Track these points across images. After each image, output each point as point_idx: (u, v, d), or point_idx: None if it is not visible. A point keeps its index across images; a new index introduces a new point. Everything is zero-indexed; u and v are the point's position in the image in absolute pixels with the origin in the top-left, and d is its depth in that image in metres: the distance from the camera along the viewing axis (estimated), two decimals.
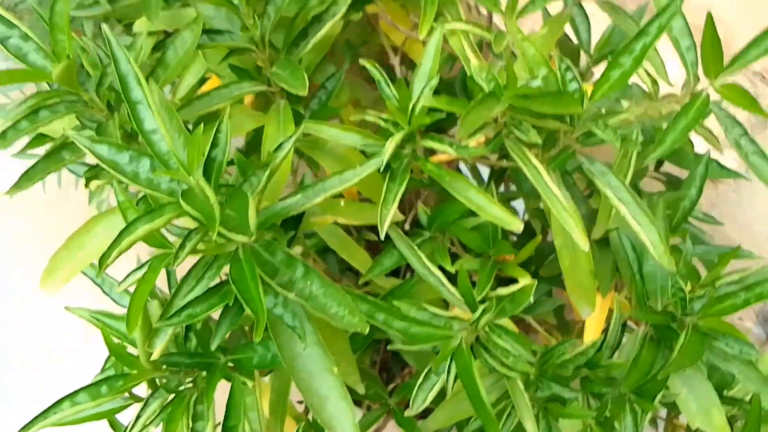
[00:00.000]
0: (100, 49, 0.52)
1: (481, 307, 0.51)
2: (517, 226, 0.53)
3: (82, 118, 0.51)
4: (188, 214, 0.38)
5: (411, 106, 0.52)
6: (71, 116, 0.52)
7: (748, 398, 0.63)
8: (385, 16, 0.68)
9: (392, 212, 0.52)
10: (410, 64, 0.77)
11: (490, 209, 0.54)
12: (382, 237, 0.52)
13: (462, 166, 0.93)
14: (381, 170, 0.53)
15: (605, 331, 0.64)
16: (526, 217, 0.84)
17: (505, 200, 0.81)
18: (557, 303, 0.73)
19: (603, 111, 0.54)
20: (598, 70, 0.87)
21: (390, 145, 0.51)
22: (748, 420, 0.57)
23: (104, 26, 0.40)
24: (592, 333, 0.65)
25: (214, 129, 0.41)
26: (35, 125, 0.48)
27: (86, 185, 0.54)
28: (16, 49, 0.48)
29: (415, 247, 0.58)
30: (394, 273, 0.85)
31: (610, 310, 0.66)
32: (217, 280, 0.48)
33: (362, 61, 0.56)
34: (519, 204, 0.86)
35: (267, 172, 0.45)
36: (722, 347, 0.57)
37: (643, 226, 0.52)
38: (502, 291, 0.52)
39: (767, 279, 0.53)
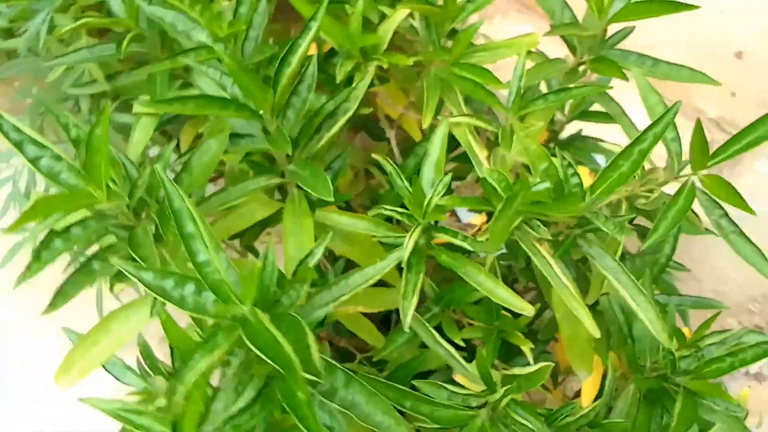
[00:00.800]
0: (128, 161, 0.53)
1: (502, 390, 0.55)
2: (528, 311, 0.57)
3: (110, 227, 0.53)
4: (250, 348, 0.40)
5: (426, 202, 0.56)
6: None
7: None
8: (385, 96, 0.71)
9: (414, 303, 0.55)
10: (405, 134, 0.80)
11: (499, 293, 0.58)
12: (407, 329, 0.55)
13: (459, 211, 0.97)
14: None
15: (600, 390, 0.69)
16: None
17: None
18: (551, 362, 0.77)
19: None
20: (571, 127, 0.93)
21: (410, 242, 0.55)
22: None
23: (158, 169, 0.42)
24: (589, 392, 0.70)
25: (263, 256, 0.44)
26: (69, 243, 0.49)
27: (110, 290, 0.55)
28: (48, 170, 0.48)
29: (429, 327, 0.61)
30: (385, 322, 0.88)
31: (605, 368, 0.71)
32: None
33: (375, 156, 0.59)
34: None
35: (305, 287, 0.47)
36: (710, 404, 0.63)
37: (641, 305, 0.57)
38: (519, 371, 0.56)
39: (751, 345, 0.59)
